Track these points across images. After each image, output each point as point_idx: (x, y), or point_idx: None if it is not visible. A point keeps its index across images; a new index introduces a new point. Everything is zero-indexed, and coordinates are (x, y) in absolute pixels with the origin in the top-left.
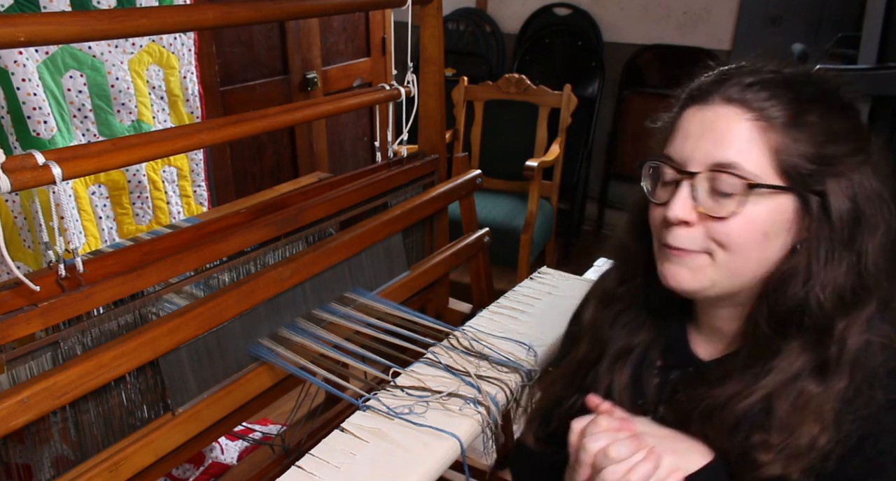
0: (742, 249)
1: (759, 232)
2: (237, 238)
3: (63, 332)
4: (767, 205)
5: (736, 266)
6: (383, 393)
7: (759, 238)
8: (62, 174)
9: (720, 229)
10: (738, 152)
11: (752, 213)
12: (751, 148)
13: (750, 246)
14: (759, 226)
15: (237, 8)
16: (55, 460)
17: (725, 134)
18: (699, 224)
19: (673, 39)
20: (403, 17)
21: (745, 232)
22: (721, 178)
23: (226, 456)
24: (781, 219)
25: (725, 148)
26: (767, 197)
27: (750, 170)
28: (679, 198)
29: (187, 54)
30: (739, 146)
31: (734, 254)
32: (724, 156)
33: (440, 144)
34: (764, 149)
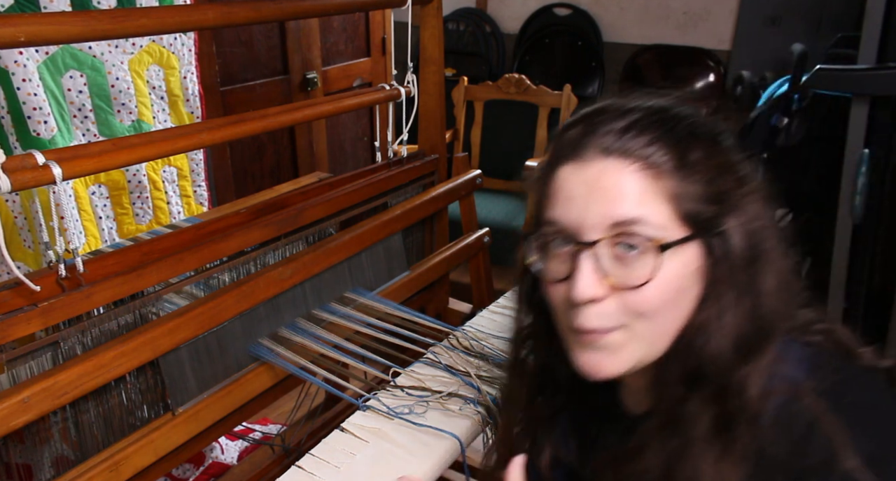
0: (660, 314)
1: (674, 290)
2: (237, 238)
3: (63, 332)
4: (678, 261)
5: (656, 332)
6: (383, 393)
7: (675, 297)
8: (62, 174)
9: (635, 299)
10: (638, 206)
11: (666, 273)
12: (648, 199)
13: (668, 308)
14: (673, 285)
15: (237, 8)
16: (55, 460)
17: (616, 188)
18: (611, 296)
19: (673, 39)
20: (403, 17)
21: (662, 295)
22: (627, 239)
23: (226, 456)
24: (691, 271)
25: (622, 204)
26: (678, 251)
27: (656, 224)
28: (583, 273)
29: (187, 54)
30: (636, 199)
31: (653, 321)
32: (624, 212)
33: (440, 144)
34: (661, 197)
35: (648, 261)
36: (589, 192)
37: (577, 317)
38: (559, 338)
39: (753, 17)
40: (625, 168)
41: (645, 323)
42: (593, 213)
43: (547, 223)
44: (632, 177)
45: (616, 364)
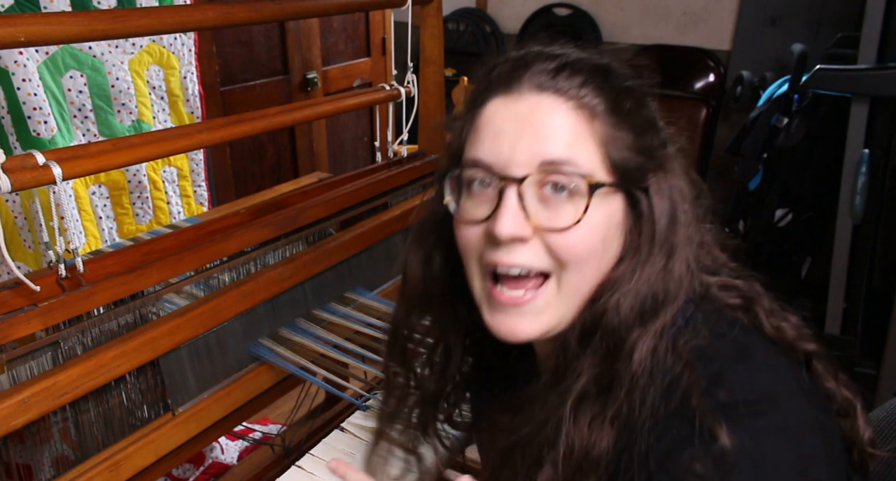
0: (584, 264)
1: (599, 239)
2: (237, 238)
3: (63, 332)
4: (604, 208)
5: (577, 286)
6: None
7: (600, 246)
8: (62, 174)
9: (561, 243)
10: (569, 146)
11: (593, 219)
12: (580, 141)
13: (592, 257)
14: (599, 233)
15: (237, 8)
16: (55, 460)
17: (549, 125)
18: (534, 240)
19: (673, 39)
20: (403, 17)
21: (588, 242)
22: (555, 179)
23: (226, 456)
24: (615, 223)
25: (553, 142)
26: (604, 198)
27: (585, 167)
28: (507, 209)
29: (187, 54)
30: (568, 139)
31: (577, 271)
32: (555, 152)
33: (440, 144)
34: (593, 141)
35: (577, 202)
36: (520, 127)
37: (496, 254)
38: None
39: (753, 18)
40: (559, 106)
41: (569, 274)
42: (522, 149)
43: (470, 161)
44: (565, 115)
45: (535, 325)
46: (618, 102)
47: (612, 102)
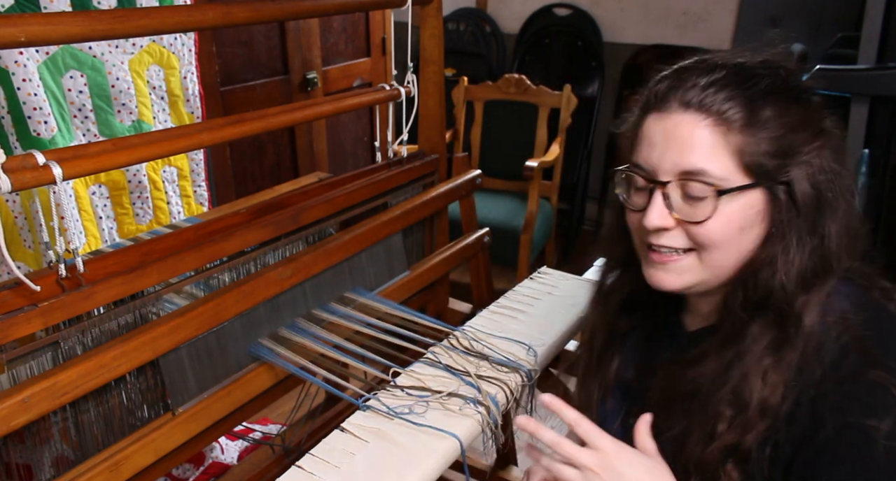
0: (721, 246)
1: (735, 228)
2: (237, 238)
3: (63, 332)
4: (739, 203)
5: (718, 262)
6: (383, 393)
7: (736, 233)
8: (62, 174)
9: (699, 231)
10: (704, 158)
11: (726, 213)
12: (714, 152)
13: (729, 242)
14: (734, 223)
15: (237, 8)
16: (55, 460)
17: (688, 141)
18: (677, 229)
19: (673, 39)
20: (403, 17)
21: (722, 231)
22: (691, 185)
23: (226, 456)
24: (753, 213)
25: (690, 155)
26: (738, 196)
27: (717, 175)
28: (654, 207)
29: (188, 54)
30: (703, 152)
31: (715, 251)
32: (691, 163)
33: (440, 144)
34: (727, 151)
35: (708, 203)
36: (666, 141)
37: (649, 237)
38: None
39: (753, 17)
40: (699, 122)
41: (708, 253)
42: (667, 160)
43: (633, 164)
44: (704, 131)
45: (680, 281)
46: (756, 113)
47: (750, 114)
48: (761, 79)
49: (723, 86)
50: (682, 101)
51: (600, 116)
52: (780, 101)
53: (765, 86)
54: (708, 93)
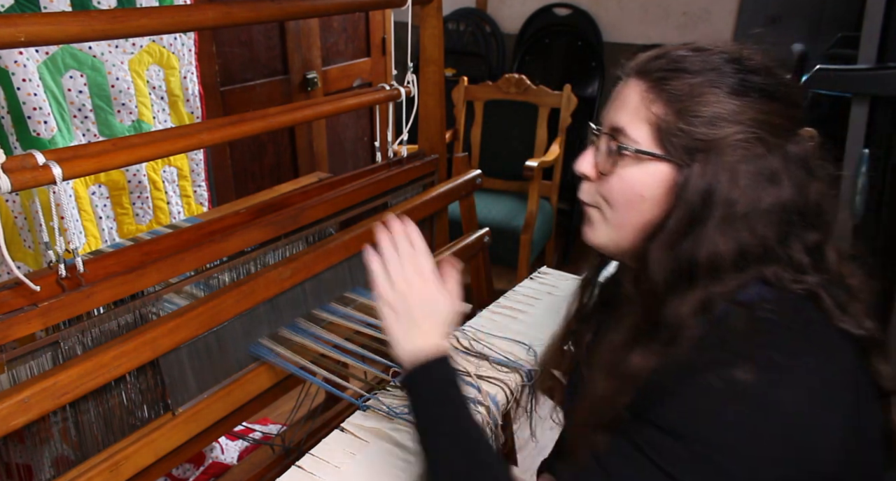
0: (621, 207)
1: (635, 193)
2: (237, 238)
3: (63, 332)
4: (642, 170)
5: (618, 222)
6: (383, 393)
7: (636, 199)
8: (62, 174)
9: (602, 184)
10: (626, 119)
11: (628, 175)
12: (637, 116)
13: (629, 204)
14: (636, 188)
15: (237, 8)
16: (55, 460)
17: (623, 100)
18: (595, 180)
19: (673, 39)
20: (403, 17)
21: (622, 191)
22: (609, 139)
23: (226, 456)
24: (656, 185)
25: (617, 113)
26: (645, 162)
27: (632, 137)
28: (586, 153)
29: (187, 54)
30: (628, 113)
31: (615, 210)
32: (617, 120)
33: (440, 144)
34: (647, 116)
35: (621, 159)
36: (613, 99)
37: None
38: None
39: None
40: (637, 86)
41: (609, 209)
42: (608, 115)
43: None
44: (636, 95)
45: (592, 235)
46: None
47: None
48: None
49: (673, 63)
50: (635, 68)
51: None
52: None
53: (712, 76)
54: (658, 62)
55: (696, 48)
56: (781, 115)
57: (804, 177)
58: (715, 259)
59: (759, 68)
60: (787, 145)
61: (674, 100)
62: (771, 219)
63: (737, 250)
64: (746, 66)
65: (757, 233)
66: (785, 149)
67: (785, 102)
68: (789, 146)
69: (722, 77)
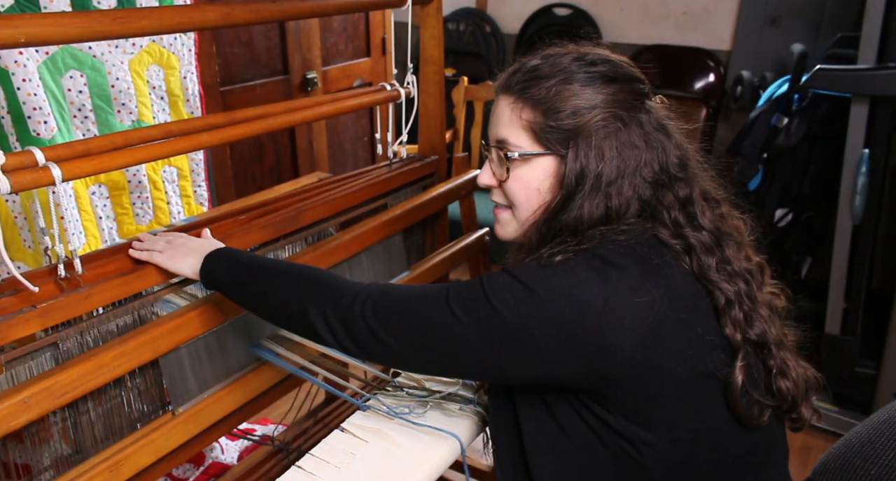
0: (524, 202)
1: (532, 188)
2: (237, 239)
3: (62, 333)
4: (531, 167)
5: (523, 216)
6: (383, 393)
7: (533, 193)
8: (62, 175)
9: (505, 189)
10: (506, 129)
11: (521, 175)
12: (513, 125)
13: (529, 200)
14: (530, 184)
15: (237, 8)
16: (55, 460)
17: (498, 116)
18: (498, 187)
19: (673, 39)
20: (403, 17)
21: (520, 190)
22: (498, 151)
23: (226, 456)
24: (546, 175)
25: (499, 127)
26: (530, 160)
27: (514, 143)
28: (484, 168)
29: (187, 54)
30: (505, 124)
31: (519, 207)
32: (498, 133)
33: (440, 145)
34: (519, 123)
35: (507, 164)
36: (492, 116)
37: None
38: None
39: (753, 17)
40: (507, 101)
41: (516, 208)
42: (491, 131)
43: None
44: (507, 108)
45: (503, 232)
46: (539, 99)
47: (535, 98)
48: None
49: (527, 74)
50: (501, 85)
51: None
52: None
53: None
54: (515, 77)
55: (544, 56)
56: (626, 91)
57: (662, 138)
58: (577, 221)
59: (598, 59)
60: (639, 115)
61: (538, 104)
62: (636, 181)
63: (603, 212)
64: (587, 60)
65: (623, 194)
66: (639, 119)
67: (626, 80)
68: (641, 115)
69: (571, 74)
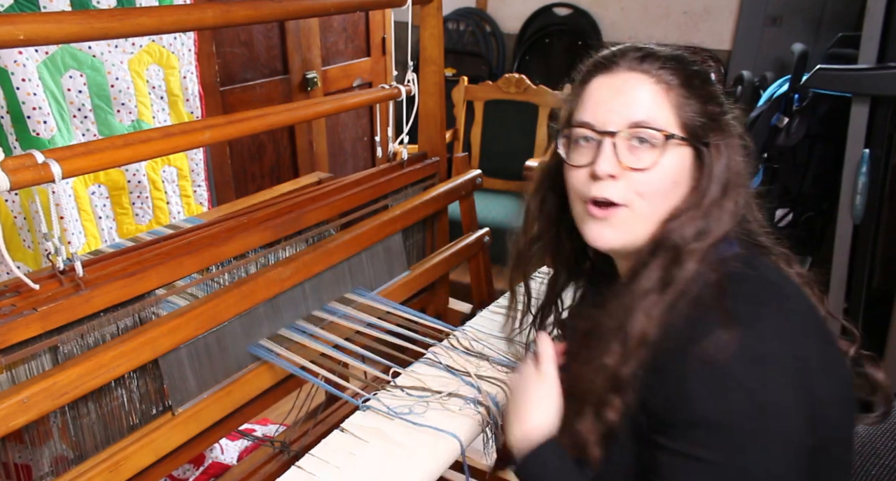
0: (658, 198)
1: (670, 180)
2: (238, 241)
3: (62, 336)
4: (675, 156)
5: (651, 214)
6: (383, 393)
7: (670, 186)
8: (62, 173)
9: (642, 180)
10: (648, 111)
11: (666, 163)
12: (657, 106)
13: (663, 194)
14: (671, 176)
15: (237, 8)
16: (55, 460)
17: (636, 95)
18: (622, 178)
19: (673, 39)
20: (403, 17)
21: (661, 181)
22: (640, 134)
23: (226, 456)
24: (684, 169)
25: (638, 107)
26: (675, 148)
27: (661, 126)
28: (604, 155)
29: (187, 54)
30: (649, 105)
31: (651, 202)
32: (638, 115)
33: (440, 144)
34: (667, 106)
35: (655, 151)
36: (614, 97)
37: (594, 188)
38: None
39: (753, 17)
40: (644, 81)
41: (644, 202)
42: (616, 113)
43: (577, 122)
44: (648, 88)
45: (619, 237)
46: (688, 79)
47: (684, 79)
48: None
49: (656, 58)
50: (628, 65)
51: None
52: (701, 75)
53: (688, 62)
54: (647, 61)
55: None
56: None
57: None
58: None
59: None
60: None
61: (686, 86)
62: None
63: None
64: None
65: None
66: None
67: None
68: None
69: (703, 66)
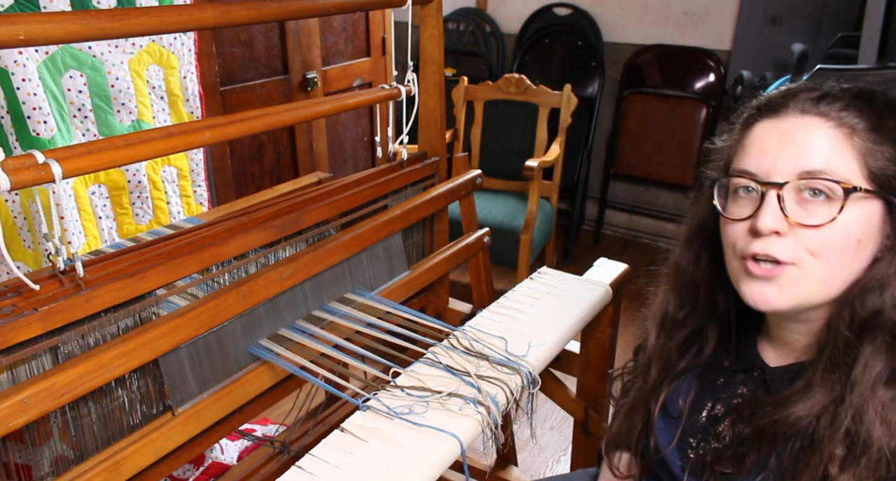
0: (835, 257)
1: (853, 239)
2: (238, 242)
3: (63, 336)
4: (860, 211)
5: (828, 277)
6: (383, 393)
7: (853, 245)
8: (62, 172)
9: (815, 237)
10: (826, 159)
11: (847, 220)
12: (837, 154)
13: (844, 254)
14: (854, 233)
15: (237, 8)
16: (55, 460)
17: (809, 142)
18: (789, 234)
19: (673, 39)
20: (403, 17)
21: (840, 239)
22: (813, 186)
23: (226, 456)
24: (872, 225)
25: (810, 156)
26: (860, 202)
27: (841, 175)
28: (768, 209)
29: (187, 54)
30: (826, 153)
31: (827, 263)
32: (811, 163)
33: (440, 144)
34: (851, 154)
35: (833, 204)
36: (782, 144)
37: (754, 245)
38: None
39: (753, 17)
40: (821, 125)
41: (819, 263)
42: (784, 161)
43: (737, 171)
44: (824, 133)
45: (785, 298)
46: (880, 121)
47: (874, 121)
48: (877, 93)
49: (836, 98)
50: (798, 108)
51: (600, 116)
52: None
53: (882, 98)
54: (823, 102)
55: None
56: None
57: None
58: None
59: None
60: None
61: (873, 130)
62: None
63: None
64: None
65: None
66: None
67: None
68: None
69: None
